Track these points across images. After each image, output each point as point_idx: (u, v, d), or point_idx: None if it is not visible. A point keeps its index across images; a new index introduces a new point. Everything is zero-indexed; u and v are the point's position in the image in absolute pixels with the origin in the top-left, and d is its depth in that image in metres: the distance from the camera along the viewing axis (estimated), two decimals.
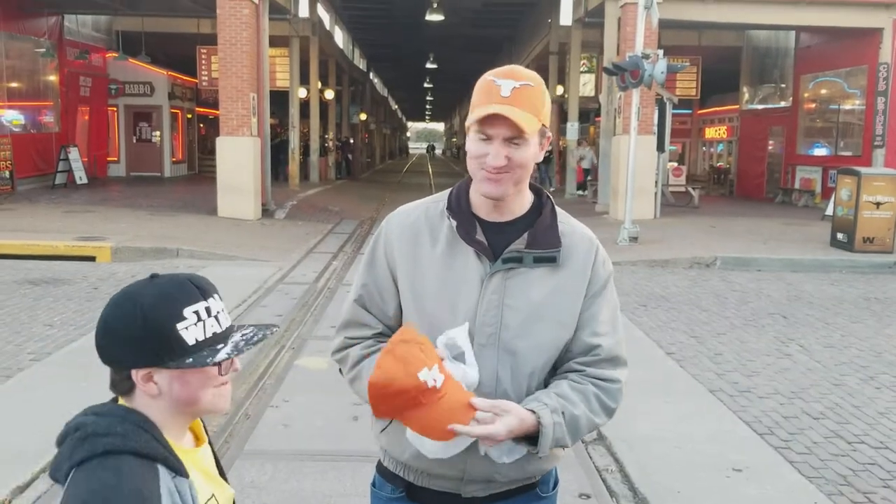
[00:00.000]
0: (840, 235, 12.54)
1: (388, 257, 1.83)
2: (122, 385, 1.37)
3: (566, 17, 23.80)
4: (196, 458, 1.44)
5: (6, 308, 7.87)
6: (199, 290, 1.38)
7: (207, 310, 1.37)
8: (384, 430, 1.82)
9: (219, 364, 1.37)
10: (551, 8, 25.58)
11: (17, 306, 7.95)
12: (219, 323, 1.38)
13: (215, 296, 1.41)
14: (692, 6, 16.99)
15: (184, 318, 1.33)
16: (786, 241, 13.22)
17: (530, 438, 1.66)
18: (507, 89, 1.68)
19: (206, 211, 15.21)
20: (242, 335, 1.41)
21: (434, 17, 25.69)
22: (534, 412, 1.65)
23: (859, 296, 9.65)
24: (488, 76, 1.73)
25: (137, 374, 1.34)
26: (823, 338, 7.52)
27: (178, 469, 1.34)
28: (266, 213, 15.98)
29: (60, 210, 14.71)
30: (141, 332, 1.31)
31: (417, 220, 1.82)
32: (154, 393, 1.35)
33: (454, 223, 1.76)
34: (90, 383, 1.34)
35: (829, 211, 13.95)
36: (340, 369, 1.91)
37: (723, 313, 8.50)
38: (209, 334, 1.36)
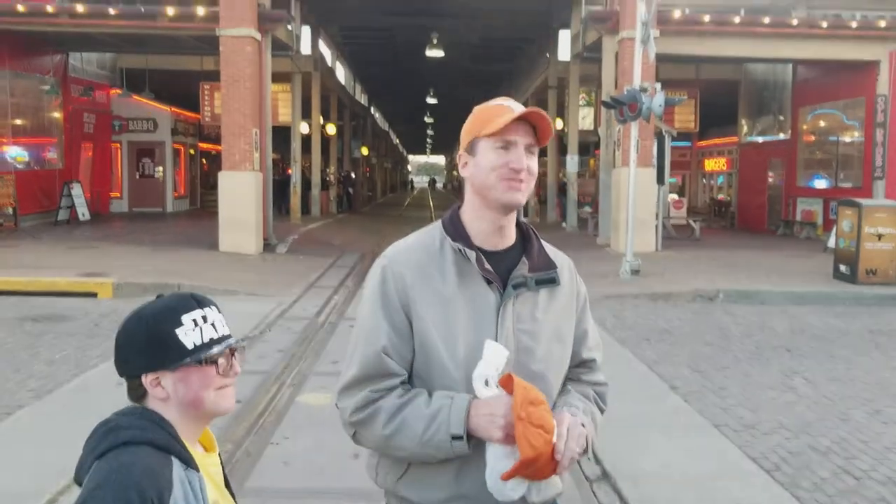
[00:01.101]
0: (843, 267, 12.52)
1: (401, 300, 1.75)
2: (136, 392, 1.53)
3: (564, 52, 24.03)
4: (205, 463, 1.55)
5: (7, 344, 7.84)
6: (198, 301, 1.55)
7: (204, 317, 1.53)
8: (401, 477, 1.78)
9: (215, 362, 1.52)
10: (549, 43, 25.86)
11: (19, 343, 7.93)
12: (215, 329, 1.54)
13: (212, 307, 1.57)
14: (689, 41, 17.16)
15: (182, 325, 1.50)
16: (788, 273, 13.20)
17: None
18: (519, 108, 1.77)
19: (208, 246, 15.23)
20: (236, 342, 1.58)
21: (434, 52, 25.98)
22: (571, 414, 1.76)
23: (864, 328, 9.60)
24: (491, 104, 1.82)
25: (146, 380, 1.50)
26: (828, 371, 7.46)
27: (190, 463, 1.48)
28: (267, 247, 16.00)
29: (63, 246, 14.73)
30: (145, 339, 1.50)
31: (421, 257, 1.79)
32: (162, 396, 1.51)
33: (472, 254, 1.75)
34: (91, 421, 1.35)
35: (831, 243, 13.94)
36: (355, 433, 1.78)
37: (727, 347, 8.45)
38: (206, 339, 1.51)
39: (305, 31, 23.51)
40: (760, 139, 23.76)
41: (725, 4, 19.49)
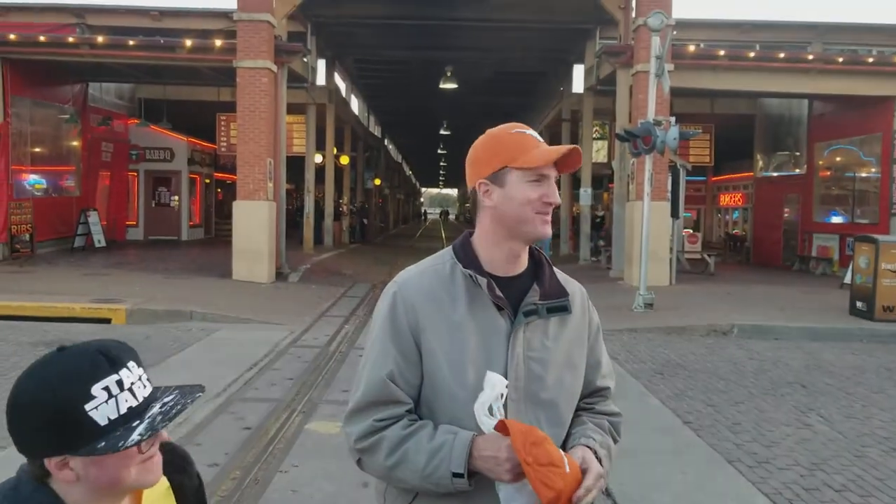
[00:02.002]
0: (859, 304, 12.40)
1: (411, 326, 1.73)
2: (38, 472, 1.27)
3: (578, 84, 24.20)
4: None
5: (20, 369, 7.84)
6: (110, 360, 1.26)
7: (119, 383, 1.25)
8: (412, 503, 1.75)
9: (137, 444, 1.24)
10: (563, 76, 26.03)
11: None
12: (134, 396, 1.26)
13: (130, 364, 1.28)
14: (704, 74, 17.23)
15: (93, 398, 1.22)
16: (804, 309, 13.07)
17: None
18: (538, 137, 1.79)
19: (221, 274, 15.29)
20: (162, 406, 1.28)
21: (448, 85, 26.19)
22: (589, 447, 1.75)
23: (880, 365, 9.47)
24: (512, 130, 1.80)
25: (50, 463, 1.24)
26: (844, 408, 7.35)
27: None
28: (280, 276, 16.04)
29: (78, 273, 14.82)
30: (47, 418, 1.22)
31: (431, 283, 1.77)
32: (71, 479, 1.25)
33: (483, 281, 1.73)
34: None
35: (848, 279, 13.83)
36: (360, 460, 1.75)
37: (741, 382, 8.35)
38: (123, 410, 1.24)
39: (321, 64, 23.81)
40: (776, 174, 23.72)
41: (741, 39, 19.58)
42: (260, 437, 5.92)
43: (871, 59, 17.81)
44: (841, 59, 17.56)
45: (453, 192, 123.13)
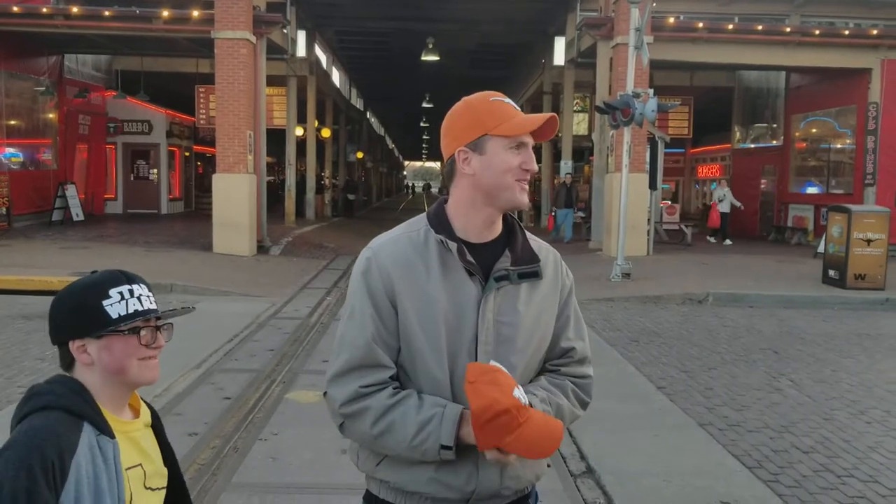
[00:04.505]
0: (832, 272, 12.61)
1: (387, 290, 1.75)
2: (65, 360, 1.62)
3: (559, 57, 24.14)
4: (128, 428, 1.64)
5: None
6: (127, 277, 1.64)
7: (131, 291, 1.61)
8: (380, 463, 1.80)
9: (137, 333, 1.59)
10: (545, 49, 25.96)
11: (10, 340, 7.96)
12: (140, 303, 1.61)
13: (141, 284, 1.64)
14: (683, 47, 17.27)
15: (109, 297, 1.59)
16: (778, 277, 13.28)
17: None
18: (516, 104, 1.80)
19: (202, 247, 15.26)
20: (165, 311, 1.65)
21: (430, 57, 26.02)
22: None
23: (851, 332, 9.67)
24: (490, 98, 1.80)
25: (73, 346, 1.59)
26: (814, 373, 7.53)
27: (103, 429, 1.55)
28: (261, 249, 16.03)
29: (56, 246, 14.75)
30: (72, 308, 1.60)
31: (405, 249, 1.79)
32: (87, 362, 1.59)
33: (454, 245, 1.76)
34: None
35: (821, 248, 14.04)
36: (342, 424, 1.77)
37: (714, 349, 8.52)
38: (130, 310, 1.59)
39: (301, 35, 23.56)
40: (753, 146, 23.88)
41: (719, 12, 19.60)
42: (240, 406, 5.99)
43: (847, 32, 17.92)
44: (818, 32, 17.66)
45: (436, 165, 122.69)
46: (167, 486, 1.73)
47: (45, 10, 17.05)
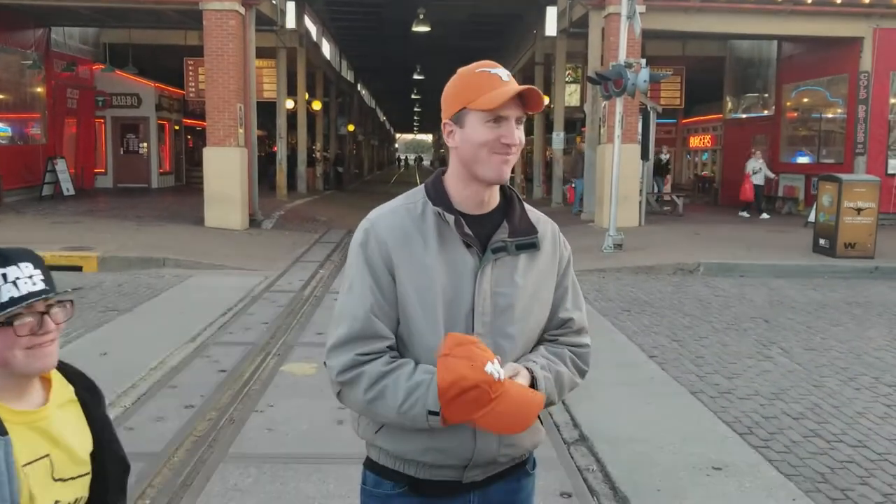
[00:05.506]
0: (822, 241, 12.68)
1: (385, 261, 1.76)
2: None
3: (551, 27, 23.97)
4: (31, 417, 1.52)
5: None
6: (4, 258, 1.48)
7: (4, 276, 1.46)
8: (379, 430, 1.82)
9: (11, 324, 1.44)
10: (537, 19, 25.76)
11: None
12: (17, 288, 1.46)
13: (20, 265, 1.49)
14: (675, 16, 17.17)
15: None
16: (769, 247, 13.34)
17: None
18: (505, 76, 1.77)
19: (194, 221, 15.22)
20: (57, 293, 1.51)
21: (421, 28, 25.81)
22: (528, 369, 1.77)
23: (841, 300, 9.76)
24: (476, 69, 1.78)
25: None
26: (804, 341, 7.61)
27: None
28: (253, 223, 16.00)
29: (47, 221, 14.69)
30: None
31: (403, 221, 1.79)
32: None
33: (451, 217, 1.77)
34: None
35: (812, 217, 14.10)
36: (340, 392, 1.79)
37: (705, 318, 8.58)
38: (4, 299, 1.44)
39: (290, 6, 23.31)
40: (745, 116, 23.86)
41: None
42: (235, 379, 6.03)
43: (839, 0, 17.83)
44: (810, 1, 17.57)
45: (428, 137, 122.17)
46: (93, 469, 1.62)
47: None
